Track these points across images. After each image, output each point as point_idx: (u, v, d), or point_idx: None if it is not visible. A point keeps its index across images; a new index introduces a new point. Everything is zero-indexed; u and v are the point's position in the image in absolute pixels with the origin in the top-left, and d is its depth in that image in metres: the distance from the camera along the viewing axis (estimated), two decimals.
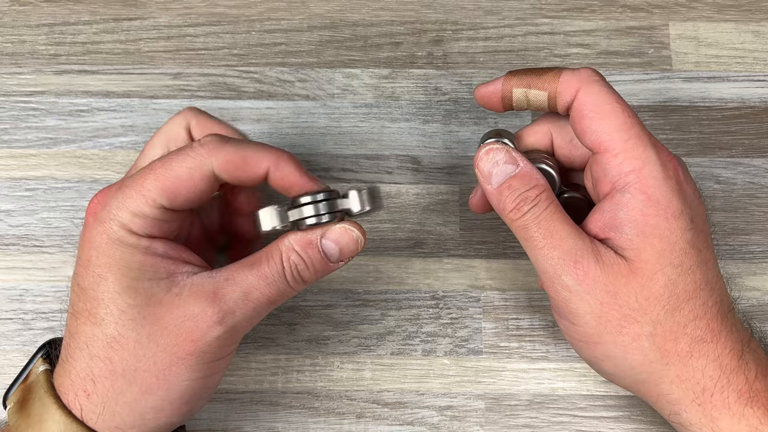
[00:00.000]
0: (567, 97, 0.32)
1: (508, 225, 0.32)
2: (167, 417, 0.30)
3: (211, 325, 0.29)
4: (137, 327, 0.29)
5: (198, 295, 0.30)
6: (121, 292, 0.29)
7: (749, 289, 0.40)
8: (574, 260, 0.30)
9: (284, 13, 0.45)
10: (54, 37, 0.44)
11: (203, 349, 0.30)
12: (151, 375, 0.29)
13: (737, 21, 0.45)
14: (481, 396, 0.38)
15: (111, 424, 0.30)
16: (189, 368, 0.30)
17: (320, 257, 0.31)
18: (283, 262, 0.31)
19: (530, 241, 0.31)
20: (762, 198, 0.41)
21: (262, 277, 0.30)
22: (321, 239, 0.31)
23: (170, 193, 0.30)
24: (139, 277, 0.30)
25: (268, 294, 0.30)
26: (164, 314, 0.29)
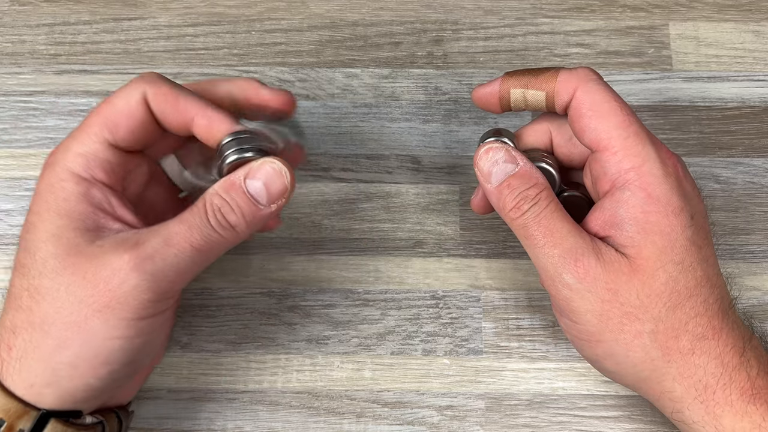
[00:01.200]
0: (565, 96, 0.32)
1: (508, 224, 0.32)
2: (82, 376, 0.29)
3: (127, 271, 0.28)
4: (57, 277, 0.29)
5: (119, 245, 0.29)
6: (45, 240, 0.29)
7: (749, 289, 0.40)
8: (575, 258, 0.30)
9: (284, 13, 0.45)
10: (54, 37, 0.44)
11: (120, 300, 0.28)
12: (67, 327, 0.28)
13: (737, 21, 0.45)
14: (481, 396, 0.38)
15: (27, 381, 0.29)
16: (106, 322, 0.28)
17: (246, 199, 0.30)
18: (206, 206, 0.30)
19: (530, 240, 0.31)
20: (762, 198, 0.41)
21: (183, 222, 0.29)
22: (245, 180, 0.30)
23: (111, 124, 0.30)
24: (65, 226, 0.29)
25: (190, 238, 0.29)
26: (83, 264, 0.29)
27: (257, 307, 0.39)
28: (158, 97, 0.31)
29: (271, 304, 0.40)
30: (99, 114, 0.31)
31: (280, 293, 0.40)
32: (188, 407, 0.38)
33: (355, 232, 0.41)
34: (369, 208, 0.41)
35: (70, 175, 0.30)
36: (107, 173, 0.31)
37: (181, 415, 0.38)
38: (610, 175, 0.31)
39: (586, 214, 0.32)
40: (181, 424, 0.37)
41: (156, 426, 0.37)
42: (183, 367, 0.38)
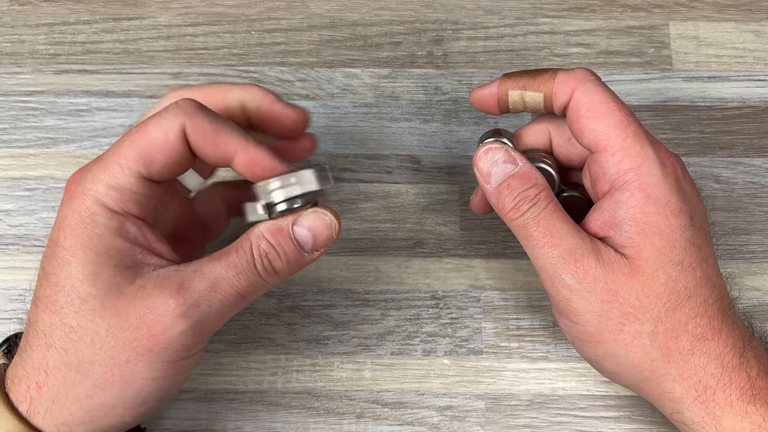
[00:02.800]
0: (563, 97, 0.32)
1: (507, 224, 0.32)
2: (120, 416, 0.29)
3: (174, 318, 0.28)
4: (97, 318, 0.28)
5: (162, 287, 0.28)
6: (83, 280, 0.28)
7: (749, 289, 0.40)
8: (574, 259, 0.30)
9: (284, 12, 0.45)
10: (53, 37, 0.44)
11: (165, 345, 0.28)
12: (107, 369, 0.28)
13: (737, 21, 0.45)
14: (481, 396, 0.38)
15: (58, 419, 0.28)
16: (148, 365, 0.28)
17: (293, 246, 0.30)
18: (253, 250, 0.29)
19: (530, 240, 0.31)
20: (762, 198, 0.41)
21: (230, 267, 0.29)
22: (293, 226, 0.29)
23: (146, 157, 0.29)
24: (104, 263, 0.28)
25: (237, 285, 0.29)
26: (126, 306, 0.28)
27: (257, 307, 0.39)
28: (197, 133, 0.29)
29: (271, 304, 0.40)
30: (133, 145, 0.29)
31: (280, 293, 0.40)
32: (188, 407, 0.38)
33: (355, 232, 0.41)
34: (369, 208, 0.41)
35: (103, 209, 0.28)
36: (140, 206, 0.29)
37: (181, 415, 0.38)
38: (609, 175, 0.31)
39: (585, 215, 0.32)
40: (181, 424, 0.37)
41: (156, 426, 0.37)
42: None
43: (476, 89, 0.34)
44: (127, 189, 0.29)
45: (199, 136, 0.29)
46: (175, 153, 0.29)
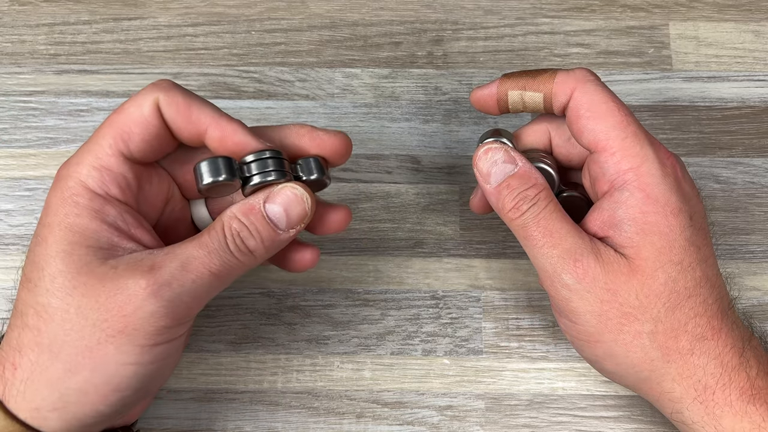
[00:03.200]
0: (562, 97, 0.32)
1: (507, 224, 0.32)
2: (92, 404, 0.28)
3: (144, 298, 0.27)
4: (66, 296, 0.27)
5: (134, 268, 0.28)
6: (54, 256, 0.28)
7: (749, 289, 0.40)
8: (574, 259, 0.30)
9: (284, 12, 0.45)
10: (54, 37, 0.44)
11: (136, 326, 0.27)
12: (78, 351, 0.27)
13: (737, 21, 0.45)
14: (481, 396, 0.38)
15: (31, 404, 0.28)
16: (119, 348, 0.27)
17: (265, 224, 0.29)
18: (225, 230, 0.29)
19: (529, 240, 0.31)
20: (762, 198, 0.41)
21: (202, 246, 0.28)
22: (264, 204, 0.29)
23: (124, 133, 0.29)
24: (78, 242, 0.28)
25: (209, 264, 0.28)
26: (95, 285, 0.27)
27: (257, 307, 0.39)
28: (171, 106, 0.29)
29: (271, 304, 0.40)
30: (111, 124, 0.29)
31: (280, 293, 0.40)
32: (188, 407, 0.38)
33: (355, 232, 0.41)
34: (369, 208, 0.41)
35: (84, 190, 0.29)
36: (122, 189, 0.29)
37: (181, 415, 0.38)
38: (608, 175, 0.31)
39: (585, 215, 0.32)
40: (181, 424, 0.37)
41: (156, 426, 0.37)
42: (183, 367, 0.38)
43: (476, 89, 0.34)
44: (108, 169, 0.29)
45: (172, 108, 0.29)
46: (151, 127, 0.29)
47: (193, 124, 0.30)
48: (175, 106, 0.29)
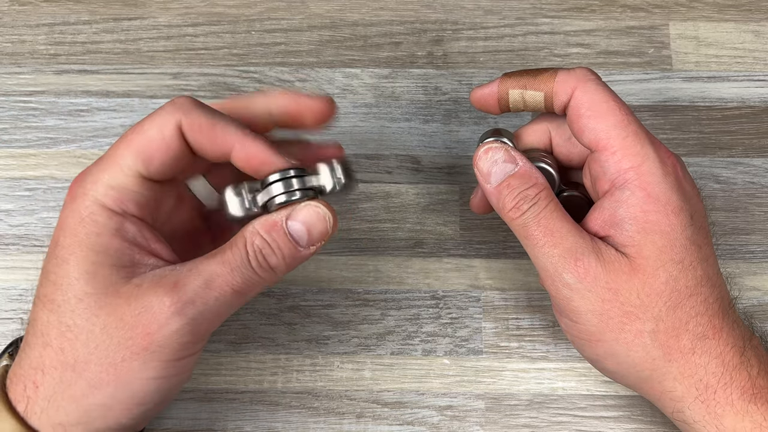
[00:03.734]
0: (563, 96, 0.32)
1: (507, 224, 0.32)
2: (116, 418, 0.28)
3: (169, 316, 0.27)
4: (92, 317, 0.28)
5: (157, 286, 0.28)
6: (78, 278, 0.28)
7: (749, 289, 0.40)
8: (575, 258, 0.30)
9: (284, 12, 0.45)
10: (54, 37, 0.44)
11: (161, 344, 0.27)
12: (102, 369, 0.28)
13: (737, 21, 0.45)
14: (481, 396, 0.38)
15: (54, 420, 0.28)
16: (144, 365, 0.28)
17: (287, 241, 0.29)
18: (247, 247, 0.29)
19: (530, 240, 0.31)
20: (762, 198, 0.41)
21: (225, 263, 0.28)
22: (286, 221, 0.29)
23: (144, 156, 0.29)
24: (101, 263, 0.28)
25: (232, 282, 0.28)
26: (121, 305, 0.28)
27: (257, 307, 0.39)
28: (194, 128, 0.29)
29: (271, 304, 0.40)
30: (131, 145, 0.29)
31: (280, 293, 0.40)
32: (188, 407, 0.38)
33: (355, 232, 0.41)
34: (369, 208, 0.41)
35: (102, 209, 0.29)
36: (139, 206, 0.29)
37: (181, 415, 0.38)
38: (609, 174, 0.31)
39: (585, 214, 0.32)
40: (181, 424, 0.37)
41: (156, 426, 0.37)
42: None
43: (476, 89, 0.34)
44: (126, 188, 0.29)
45: (195, 131, 0.29)
46: (173, 150, 0.29)
47: (218, 145, 0.30)
48: (198, 128, 0.29)
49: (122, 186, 0.29)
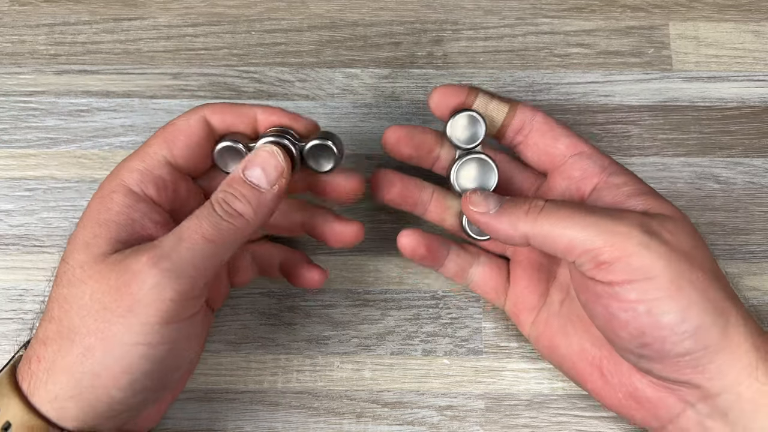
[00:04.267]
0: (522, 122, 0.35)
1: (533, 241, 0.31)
2: (104, 386, 0.28)
3: (145, 271, 0.28)
4: (81, 285, 0.29)
5: (138, 250, 0.29)
6: (77, 249, 0.30)
7: (749, 289, 0.40)
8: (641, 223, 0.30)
9: (284, 13, 0.45)
10: (54, 37, 0.44)
11: (142, 302, 0.28)
12: (90, 334, 0.28)
13: (737, 21, 0.45)
14: (481, 396, 0.38)
15: (51, 393, 0.28)
16: (128, 327, 0.28)
17: (248, 186, 0.31)
18: (212, 201, 0.30)
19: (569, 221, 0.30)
20: (762, 198, 0.41)
21: (193, 216, 0.30)
22: (243, 171, 0.31)
23: (169, 140, 0.32)
24: (100, 234, 0.30)
25: (200, 230, 0.29)
26: (106, 271, 0.29)
27: (257, 307, 0.39)
28: (217, 112, 0.33)
29: (271, 304, 0.40)
30: (160, 134, 0.32)
31: (280, 293, 0.40)
32: (188, 407, 0.38)
33: None
34: (369, 208, 0.41)
35: (121, 187, 0.31)
36: (158, 189, 0.32)
37: (181, 415, 0.38)
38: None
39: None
40: (180, 424, 0.37)
41: (156, 426, 0.37)
42: None
43: (441, 87, 0.35)
44: (149, 171, 0.31)
45: (217, 114, 0.33)
46: (196, 134, 0.32)
47: (243, 116, 0.33)
48: (221, 111, 0.33)
49: (146, 168, 0.31)
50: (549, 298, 0.36)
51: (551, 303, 0.36)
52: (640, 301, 0.29)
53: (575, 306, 0.35)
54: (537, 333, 0.36)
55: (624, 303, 0.30)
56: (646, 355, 0.30)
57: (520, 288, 0.37)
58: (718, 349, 0.29)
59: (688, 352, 0.29)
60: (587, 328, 0.34)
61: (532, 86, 0.43)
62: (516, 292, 0.37)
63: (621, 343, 0.31)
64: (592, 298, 0.31)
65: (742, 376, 0.29)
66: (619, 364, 0.33)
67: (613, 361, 0.33)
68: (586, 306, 0.32)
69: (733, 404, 0.30)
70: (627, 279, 0.29)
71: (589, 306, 0.32)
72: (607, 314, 0.30)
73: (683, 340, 0.29)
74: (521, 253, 0.37)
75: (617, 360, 0.33)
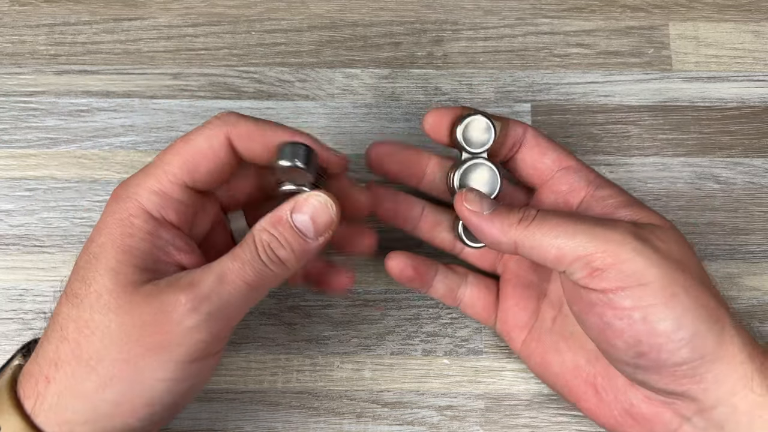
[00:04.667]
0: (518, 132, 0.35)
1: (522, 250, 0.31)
2: (123, 416, 0.28)
3: (184, 313, 0.27)
4: (110, 313, 0.28)
5: (174, 286, 0.28)
6: (103, 274, 0.28)
7: (749, 289, 0.40)
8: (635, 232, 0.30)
9: (284, 13, 0.45)
10: (54, 37, 0.44)
11: (177, 342, 0.28)
12: (115, 365, 0.28)
13: (737, 21, 0.45)
14: (481, 396, 0.38)
15: (62, 417, 0.28)
16: (158, 363, 0.28)
17: (294, 233, 0.30)
18: (256, 242, 0.29)
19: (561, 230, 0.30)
20: (762, 198, 0.41)
21: (236, 258, 0.29)
22: (291, 214, 0.30)
23: (191, 165, 0.30)
24: (126, 262, 0.29)
25: (243, 275, 0.29)
26: (139, 303, 0.28)
27: (257, 307, 0.39)
28: (242, 136, 0.31)
29: (271, 304, 0.40)
30: (179, 154, 0.30)
31: (280, 293, 0.40)
32: (188, 407, 0.38)
33: None
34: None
35: (141, 212, 0.29)
36: (178, 214, 0.30)
37: (182, 415, 0.38)
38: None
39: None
40: (181, 424, 0.37)
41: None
42: None
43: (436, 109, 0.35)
44: (169, 196, 0.30)
45: (244, 139, 0.31)
46: (220, 159, 0.30)
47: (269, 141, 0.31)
48: (248, 134, 0.31)
49: (165, 193, 0.30)
50: (541, 315, 0.36)
51: (543, 320, 0.36)
52: (635, 308, 0.29)
53: (568, 322, 0.35)
54: (529, 351, 0.36)
55: (619, 310, 0.29)
56: (642, 366, 0.30)
57: (510, 305, 0.37)
58: (714, 359, 0.29)
59: (685, 361, 0.29)
60: (581, 345, 0.34)
61: (532, 86, 0.43)
62: (506, 309, 0.37)
63: (616, 354, 0.31)
64: (585, 308, 0.31)
65: (737, 386, 0.29)
66: (614, 380, 0.33)
67: (608, 378, 0.33)
68: (580, 317, 0.32)
69: (729, 417, 0.29)
70: (620, 286, 0.29)
71: (583, 317, 0.31)
72: (602, 324, 0.30)
73: (680, 348, 0.29)
74: (511, 270, 0.37)
75: (612, 376, 0.33)
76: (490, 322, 0.37)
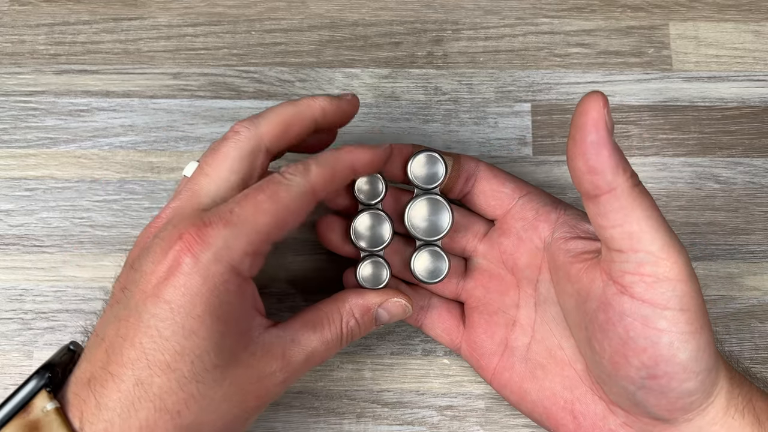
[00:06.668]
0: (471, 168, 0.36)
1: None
2: None
3: (277, 384, 0.31)
4: (216, 387, 0.29)
5: (269, 356, 0.30)
6: (209, 351, 0.28)
7: (749, 289, 0.40)
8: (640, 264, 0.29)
9: (284, 13, 0.45)
10: (54, 37, 0.44)
11: (264, 406, 0.31)
12: (212, 428, 0.29)
13: (737, 21, 0.45)
14: (481, 396, 0.38)
15: None
16: (247, 422, 0.31)
17: (372, 322, 0.34)
18: (343, 328, 0.32)
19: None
20: (762, 198, 0.41)
21: (324, 342, 0.32)
22: (378, 308, 0.34)
23: (282, 225, 0.29)
24: (227, 332, 0.29)
25: (326, 357, 0.32)
26: (241, 374, 0.29)
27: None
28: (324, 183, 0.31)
29: (271, 304, 0.40)
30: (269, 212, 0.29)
31: (280, 293, 0.40)
32: None
33: None
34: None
35: (235, 276, 0.29)
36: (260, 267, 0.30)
37: None
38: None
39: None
40: None
41: None
42: None
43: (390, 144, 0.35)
44: (261, 255, 0.30)
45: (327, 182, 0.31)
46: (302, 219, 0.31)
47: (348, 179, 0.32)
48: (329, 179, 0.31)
49: (257, 251, 0.29)
50: (512, 343, 0.35)
51: (515, 348, 0.35)
52: (667, 332, 0.28)
53: (544, 347, 0.34)
54: (503, 381, 0.35)
55: (650, 329, 0.28)
56: (648, 387, 0.29)
57: (477, 333, 0.36)
58: (710, 395, 0.30)
59: (691, 393, 0.29)
60: (560, 370, 0.34)
61: (532, 86, 0.43)
62: (473, 337, 0.36)
63: (626, 370, 0.29)
64: (614, 317, 0.29)
65: (717, 417, 0.30)
66: (592, 406, 0.33)
67: (585, 404, 0.33)
68: (603, 325, 0.30)
69: None
70: (666, 305, 0.28)
71: (607, 325, 0.30)
72: (626, 337, 0.29)
73: (690, 379, 0.29)
74: (476, 298, 0.37)
75: (589, 401, 0.33)
76: (454, 345, 0.37)
